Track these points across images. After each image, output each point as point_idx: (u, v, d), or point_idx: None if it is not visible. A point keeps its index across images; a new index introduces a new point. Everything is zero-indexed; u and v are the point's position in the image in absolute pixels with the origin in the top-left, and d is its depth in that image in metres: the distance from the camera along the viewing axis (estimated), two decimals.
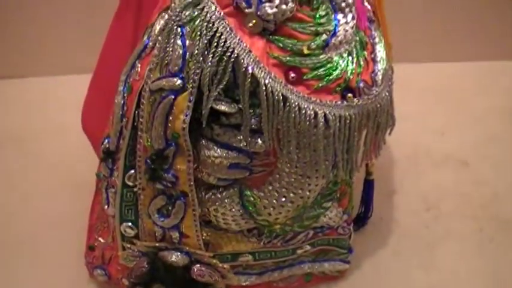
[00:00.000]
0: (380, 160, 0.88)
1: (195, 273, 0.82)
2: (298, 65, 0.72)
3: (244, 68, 0.70)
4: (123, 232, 0.82)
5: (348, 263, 0.92)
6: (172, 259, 0.81)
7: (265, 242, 0.84)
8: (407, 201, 1.07)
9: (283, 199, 0.78)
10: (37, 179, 1.10)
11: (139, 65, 0.76)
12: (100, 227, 0.89)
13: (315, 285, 0.93)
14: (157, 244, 0.81)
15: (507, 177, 1.11)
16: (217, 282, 0.83)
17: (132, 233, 0.82)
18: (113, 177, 0.82)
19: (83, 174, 1.00)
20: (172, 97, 0.72)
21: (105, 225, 0.88)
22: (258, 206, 0.79)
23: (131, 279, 0.84)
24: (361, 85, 0.75)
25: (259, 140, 0.74)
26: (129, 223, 0.82)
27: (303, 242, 0.86)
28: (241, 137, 0.74)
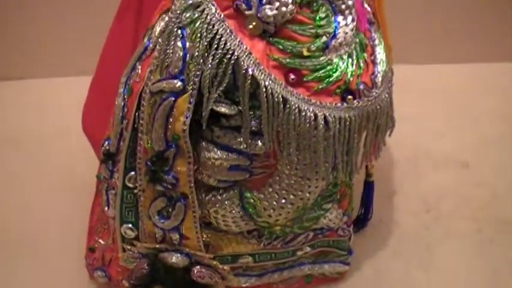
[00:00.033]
0: (380, 162, 0.89)
1: (195, 274, 0.82)
2: (298, 67, 0.72)
3: (244, 70, 0.70)
4: (124, 234, 0.83)
5: (348, 265, 0.92)
6: (172, 260, 0.81)
7: (265, 243, 0.84)
8: (407, 202, 1.07)
9: (283, 201, 0.78)
10: (37, 181, 1.10)
11: (139, 66, 0.76)
12: (100, 228, 0.89)
13: (315, 286, 0.93)
14: (157, 246, 0.81)
15: (507, 178, 1.11)
16: (217, 284, 0.83)
17: (132, 234, 0.82)
18: (113, 179, 0.82)
19: (83, 176, 1.01)
20: (173, 99, 0.72)
21: (105, 227, 0.88)
22: (258, 208, 0.79)
23: (131, 281, 0.84)
24: (361, 87, 0.74)
25: (259, 142, 0.74)
26: (130, 225, 0.82)
27: (303, 244, 0.86)
28: (242, 139, 0.74)
